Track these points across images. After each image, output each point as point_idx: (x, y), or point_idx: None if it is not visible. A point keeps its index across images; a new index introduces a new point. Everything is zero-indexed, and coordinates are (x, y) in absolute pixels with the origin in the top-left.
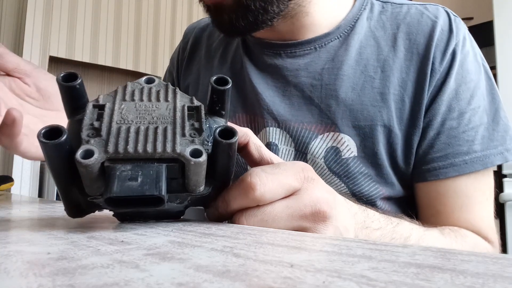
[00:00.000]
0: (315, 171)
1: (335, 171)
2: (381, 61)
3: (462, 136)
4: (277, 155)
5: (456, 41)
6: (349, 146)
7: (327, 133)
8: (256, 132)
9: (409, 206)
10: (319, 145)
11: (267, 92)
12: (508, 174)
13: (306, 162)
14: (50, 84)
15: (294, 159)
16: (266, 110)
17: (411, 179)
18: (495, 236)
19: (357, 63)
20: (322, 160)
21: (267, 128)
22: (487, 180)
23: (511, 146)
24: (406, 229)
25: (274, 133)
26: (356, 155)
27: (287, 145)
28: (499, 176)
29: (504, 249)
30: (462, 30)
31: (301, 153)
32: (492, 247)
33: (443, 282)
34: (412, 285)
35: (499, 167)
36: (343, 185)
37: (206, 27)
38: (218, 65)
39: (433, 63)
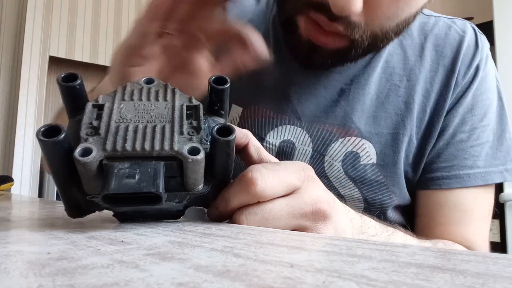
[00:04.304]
0: (331, 174)
1: (352, 176)
2: (407, 70)
3: (469, 150)
4: (293, 154)
5: (481, 57)
6: (369, 152)
7: (349, 137)
8: (274, 127)
9: (408, 215)
10: (339, 148)
11: (294, 88)
12: None
13: (323, 164)
14: None
15: (311, 159)
16: (290, 108)
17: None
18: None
19: (384, 70)
20: (340, 163)
21: (287, 126)
22: (487, 198)
23: (511, 167)
24: (400, 239)
25: (294, 132)
26: (375, 162)
27: (304, 145)
28: None
29: (504, 249)
30: (486, 47)
31: (319, 154)
32: None
33: (443, 282)
34: (412, 285)
35: None
36: (357, 190)
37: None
38: None
39: (457, 77)
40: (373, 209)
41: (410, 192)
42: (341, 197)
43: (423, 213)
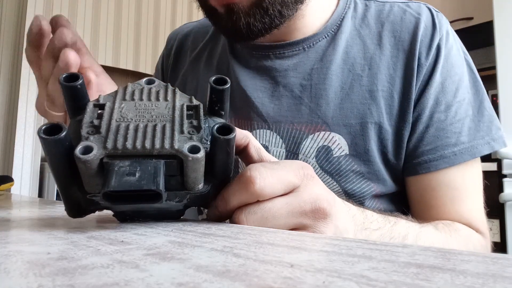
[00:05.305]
0: None
1: (327, 170)
2: (367, 59)
3: (449, 128)
4: None
5: (440, 36)
6: (340, 144)
7: (318, 133)
8: None
9: (401, 202)
10: (310, 144)
11: (256, 94)
12: (508, 174)
13: None
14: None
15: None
16: (256, 112)
17: (402, 174)
18: (485, 228)
19: (344, 62)
20: (314, 159)
21: (257, 131)
22: (475, 172)
23: (497, 135)
24: (404, 228)
25: (264, 135)
26: (348, 153)
27: (277, 147)
28: (499, 176)
29: (504, 249)
30: (445, 25)
31: (292, 153)
32: (483, 238)
33: (443, 282)
34: (412, 285)
35: (499, 167)
36: (335, 183)
37: (190, 32)
38: (204, 69)
39: (419, 58)
40: (354, 200)
41: (397, 180)
42: None
43: (416, 199)
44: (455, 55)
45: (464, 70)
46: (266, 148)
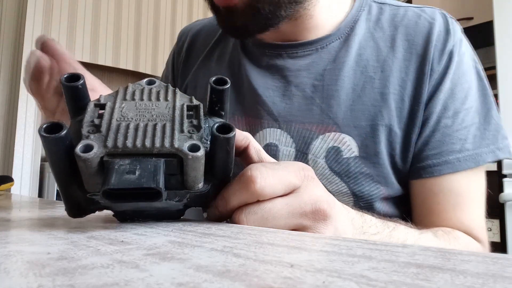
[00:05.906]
0: (317, 171)
1: (336, 170)
2: (380, 62)
3: (455, 135)
4: (278, 155)
5: (454, 42)
6: (350, 146)
7: (328, 133)
8: (255, 133)
9: (407, 206)
10: (320, 145)
11: (267, 93)
12: (508, 174)
13: (307, 162)
14: None
15: (295, 159)
16: (267, 111)
17: (407, 177)
18: (485, 237)
19: (357, 64)
20: (324, 160)
21: (267, 129)
22: (479, 180)
23: (502, 145)
24: (402, 233)
25: (275, 134)
26: (358, 155)
27: (287, 146)
28: (499, 176)
29: (504, 249)
30: (458, 32)
31: (302, 153)
32: (482, 247)
33: (443, 282)
34: (412, 285)
35: (499, 167)
36: (344, 185)
37: (201, 29)
38: (216, 66)
39: (432, 63)
40: (362, 202)
41: (403, 183)
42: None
43: (419, 203)
44: (467, 63)
45: (474, 78)
46: (276, 147)
